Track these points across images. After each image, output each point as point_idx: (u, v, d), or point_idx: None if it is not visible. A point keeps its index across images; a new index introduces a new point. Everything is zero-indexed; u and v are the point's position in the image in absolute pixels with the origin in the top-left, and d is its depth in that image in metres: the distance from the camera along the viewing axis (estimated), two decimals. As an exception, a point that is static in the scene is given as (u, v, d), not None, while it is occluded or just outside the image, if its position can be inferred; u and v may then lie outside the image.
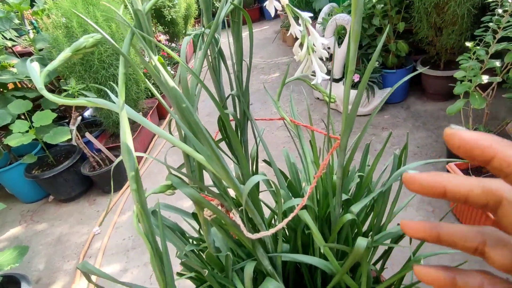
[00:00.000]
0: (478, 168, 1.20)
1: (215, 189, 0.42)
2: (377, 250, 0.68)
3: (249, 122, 0.56)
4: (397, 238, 0.58)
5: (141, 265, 1.35)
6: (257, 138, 0.57)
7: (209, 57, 0.49)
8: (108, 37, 0.30)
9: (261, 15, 4.79)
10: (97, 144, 1.68)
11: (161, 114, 2.44)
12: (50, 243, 1.55)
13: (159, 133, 0.36)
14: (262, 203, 0.56)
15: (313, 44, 0.53)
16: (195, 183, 0.42)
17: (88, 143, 1.74)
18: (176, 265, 0.61)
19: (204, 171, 0.48)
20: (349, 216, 0.44)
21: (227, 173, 0.35)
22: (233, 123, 0.58)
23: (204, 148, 0.36)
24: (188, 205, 1.49)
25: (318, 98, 2.34)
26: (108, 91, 0.42)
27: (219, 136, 0.54)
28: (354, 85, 1.91)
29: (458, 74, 1.08)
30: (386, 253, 0.66)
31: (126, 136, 0.29)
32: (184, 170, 0.46)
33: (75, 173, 1.73)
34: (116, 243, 1.48)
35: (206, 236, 0.46)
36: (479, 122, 1.36)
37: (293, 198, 0.54)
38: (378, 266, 0.68)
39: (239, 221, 0.39)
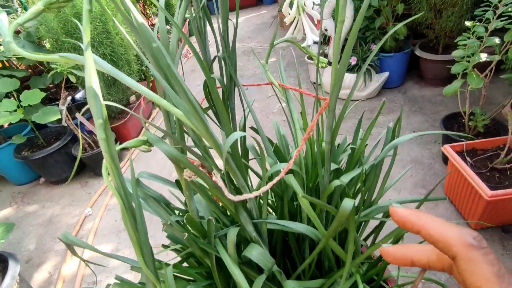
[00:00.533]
0: (473, 150, 1.19)
1: (196, 151, 0.40)
2: (367, 225, 0.67)
3: (239, 100, 0.54)
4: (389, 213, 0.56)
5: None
6: (245, 106, 0.55)
7: (194, 13, 0.46)
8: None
9: (259, -1, 4.68)
10: (88, 125, 1.65)
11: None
12: (41, 224, 1.53)
13: (136, 87, 0.33)
14: (249, 170, 0.54)
15: (304, 4, 0.50)
16: (176, 143, 0.40)
17: (79, 125, 1.70)
18: (165, 241, 0.59)
19: (187, 137, 0.46)
20: (337, 182, 0.43)
21: (206, 127, 0.33)
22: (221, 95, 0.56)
23: (182, 102, 0.34)
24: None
25: (314, 83, 2.30)
26: (81, 44, 0.39)
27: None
28: (351, 69, 1.88)
29: (456, 52, 1.05)
30: (378, 228, 0.65)
31: (92, 79, 0.27)
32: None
33: (66, 154, 1.70)
34: (108, 225, 1.46)
35: (188, 201, 0.44)
36: (475, 104, 1.34)
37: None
38: (369, 242, 0.67)
39: (220, 183, 0.37)
